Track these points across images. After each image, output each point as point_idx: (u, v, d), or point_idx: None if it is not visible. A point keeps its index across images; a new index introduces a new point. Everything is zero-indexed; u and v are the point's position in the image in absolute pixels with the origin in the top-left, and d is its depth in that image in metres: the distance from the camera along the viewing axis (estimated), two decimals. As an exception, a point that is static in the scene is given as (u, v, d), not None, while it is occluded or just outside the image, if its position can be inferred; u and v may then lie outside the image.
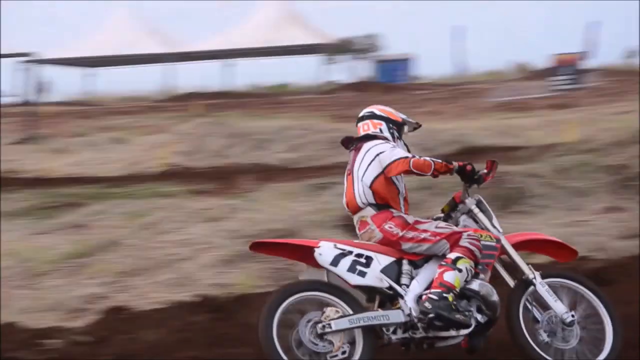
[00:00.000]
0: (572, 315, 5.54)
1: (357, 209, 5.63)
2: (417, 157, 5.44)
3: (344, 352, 5.18)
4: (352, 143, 5.78)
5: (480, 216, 5.68)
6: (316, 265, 5.42)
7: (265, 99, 42.49)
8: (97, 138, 22.09)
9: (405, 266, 5.47)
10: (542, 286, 5.57)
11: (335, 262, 5.36)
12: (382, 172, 5.53)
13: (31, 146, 21.52)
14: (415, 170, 5.41)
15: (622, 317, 6.54)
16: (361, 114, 5.84)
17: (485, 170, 5.62)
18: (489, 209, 5.72)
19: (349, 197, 5.66)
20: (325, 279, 5.41)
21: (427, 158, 5.47)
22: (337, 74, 57.83)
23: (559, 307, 5.54)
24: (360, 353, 5.20)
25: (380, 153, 5.56)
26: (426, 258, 5.50)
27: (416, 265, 5.50)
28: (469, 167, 5.56)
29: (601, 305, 5.65)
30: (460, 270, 5.34)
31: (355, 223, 5.69)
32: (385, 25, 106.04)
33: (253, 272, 8.15)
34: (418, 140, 19.09)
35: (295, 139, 19.23)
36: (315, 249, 5.37)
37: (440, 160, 5.49)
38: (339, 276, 5.36)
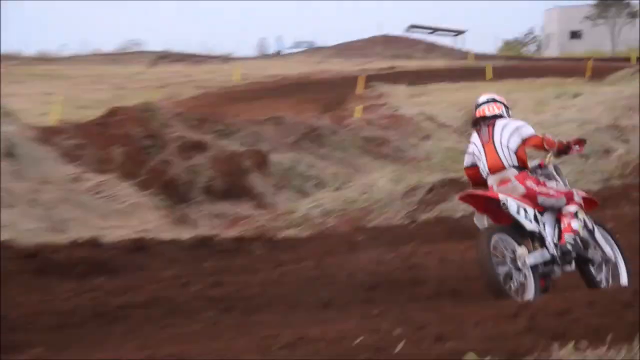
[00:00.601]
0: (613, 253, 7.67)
1: (500, 170, 7.50)
2: (545, 135, 7.60)
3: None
4: (484, 120, 7.71)
5: (560, 178, 7.70)
6: (483, 211, 7.40)
7: None
8: None
9: (539, 216, 7.37)
10: (599, 233, 7.67)
11: (518, 211, 7.20)
12: (522, 142, 7.53)
13: None
14: (546, 146, 7.54)
15: None
16: (484, 99, 7.85)
17: (577, 147, 7.60)
18: (562, 172, 7.81)
19: (494, 160, 7.54)
20: (486, 223, 7.42)
21: (551, 136, 7.59)
22: None
23: (607, 248, 7.63)
24: (534, 282, 7.06)
25: (519, 127, 7.62)
26: (544, 209, 7.46)
27: (541, 215, 7.41)
28: (570, 145, 7.59)
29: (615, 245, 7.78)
30: (580, 219, 7.44)
31: (493, 181, 7.49)
32: None
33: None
34: None
35: None
36: (504, 201, 7.18)
37: (557, 140, 7.57)
38: (519, 222, 7.19)
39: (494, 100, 7.87)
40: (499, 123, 7.70)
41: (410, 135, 21.33)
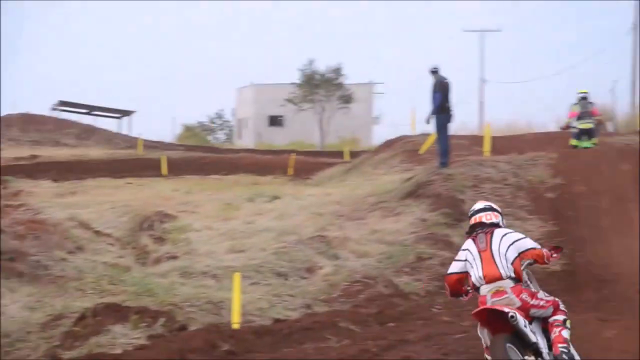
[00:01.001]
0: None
1: (496, 279, 10.27)
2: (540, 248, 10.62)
3: None
4: (482, 228, 10.64)
5: (532, 283, 10.62)
6: (486, 324, 10.22)
7: None
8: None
9: (531, 326, 10.20)
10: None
11: (525, 325, 10.00)
12: (519, 255, 10.36)
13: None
14: (545, 260, 10.43)
15: None
16: (481, 207, 10.88)
17: (555, 255, 10.52)
18: (534, 279, 10.79)
19: (491, 269, 10.30)
20: (487, 338, 10.25)
21: (542, 249, 10.59)
22: None
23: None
24: None
25: (518, 240, 10.49)
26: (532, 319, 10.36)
27: (530, 324, 10.20)
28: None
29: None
30: (569, 328, 10.33)
31: (487, 290, 10.28)
32: None
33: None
34: None
35: None
36: (512, 315, 9.87)
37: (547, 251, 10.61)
38: (524, 334, 9.99)
39: (492, 209, 10.82)
40: (498, 232, 10.56)
41: (55, 247, 21.19)
